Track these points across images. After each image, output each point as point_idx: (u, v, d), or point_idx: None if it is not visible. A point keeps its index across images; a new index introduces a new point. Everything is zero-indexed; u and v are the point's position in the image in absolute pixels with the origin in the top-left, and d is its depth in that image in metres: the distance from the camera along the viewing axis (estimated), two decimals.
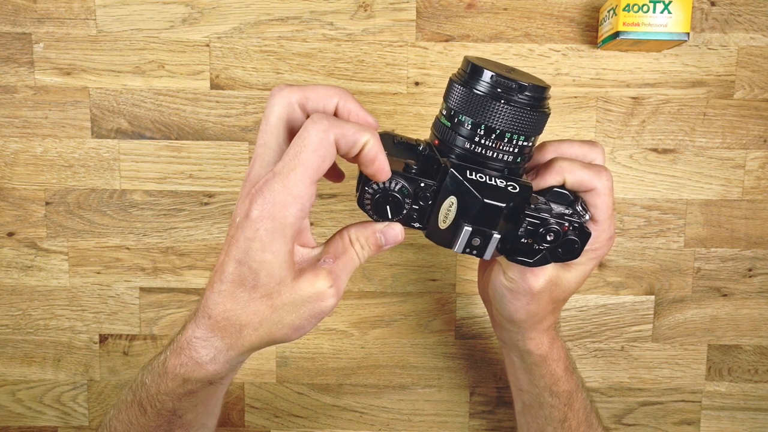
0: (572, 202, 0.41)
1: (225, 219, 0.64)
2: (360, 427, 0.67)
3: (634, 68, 0.62)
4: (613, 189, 0.43)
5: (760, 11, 0.61)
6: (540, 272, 0.44)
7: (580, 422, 0.52)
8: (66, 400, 0.67)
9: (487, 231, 0.38)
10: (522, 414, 0.54)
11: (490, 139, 0.38)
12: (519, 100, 0.38)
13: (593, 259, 0.44)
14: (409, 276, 0.65)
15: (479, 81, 0.38)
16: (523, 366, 0.50)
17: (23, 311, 0.65)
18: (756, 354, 0.66)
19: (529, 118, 0.38)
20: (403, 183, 0.38)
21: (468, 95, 0.38)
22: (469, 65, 0.39)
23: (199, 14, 0.62)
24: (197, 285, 0.65)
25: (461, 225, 0.38)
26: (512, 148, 0.39)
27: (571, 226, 0.40)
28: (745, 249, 0.64)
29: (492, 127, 0.38)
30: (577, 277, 0.44)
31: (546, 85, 0.39)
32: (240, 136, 0.63)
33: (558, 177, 0.42)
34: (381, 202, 0.38)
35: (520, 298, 0.45)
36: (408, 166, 0.38)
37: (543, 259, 0.41)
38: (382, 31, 0.62)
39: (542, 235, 0.39)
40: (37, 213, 0.64)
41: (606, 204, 0.42)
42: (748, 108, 0.63)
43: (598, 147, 0.44)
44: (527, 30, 0.62)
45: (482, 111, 0.38)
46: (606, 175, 0.42)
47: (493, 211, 0.38)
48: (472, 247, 0.39)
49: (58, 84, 0.62)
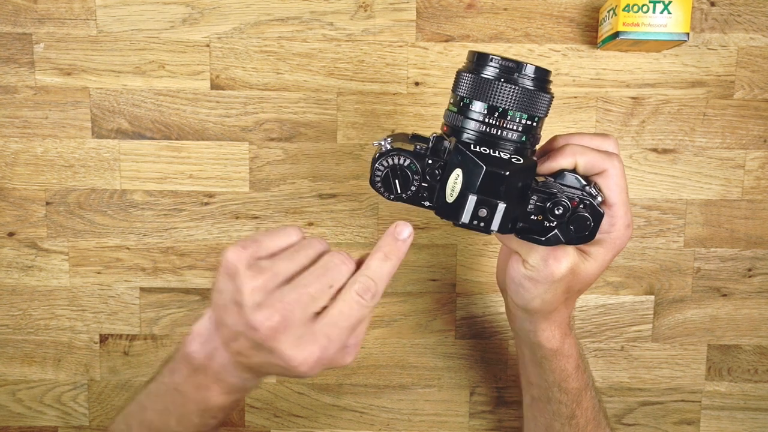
0: (584, 185, 0.42)
1: (225, 219, 0.64)
2: (360, 427, 0.67)
3: (633, 68, 0.62)
4: (624, 174, 0.43)
5: (760, 11, 0.62)
6: (563, 258, 0.43)
7: (588, 420, 0.51)
8: (66, 400, 0.67)
9: (492, 201, 0.39)
10: (530, 407, 0.54)
11: (494, 118, 0.40)
12: (518, 79, 0.40)
13: (612, 249, 0.44)
14: (409, 276, 0.65)
15: (482, 65, 0.41)
16: (533, 359, 0.50)
17: (23, 311, 0.66)
18: (756, 354, 0.66)
19: (529, 96, 0.40)
20: (411, 159, 0.40)
21: (473, 80, 0.41)
22: (474, 55, 0.42)
23: (200, 14, 0.62)
24: (197, 285, 0.65)
25: (467, 195, 0.40)
26: (516, 126, 0.41)
27: (581, 202, 0.41)
28: (745, 249, 0.65)
29: (495, 106, 0.40)
30: (596, 268, 0.44)
31: (547, 69, 0.41)
32: (240, 136, 0.63)
33: (569, 159, 0.42)
34: (390, 176, 0.41)
35: (538, 285, 0.44)
36: (417, 146, 0.41)
37: (555, 238, 0.42)
38: (382, 32, 0.62)
39: (550, 209, 0.40)
40: (38, 213, 0.64)
41: (619, 186, 0.42)
42: (748, 108, 0.63)
43: (610, 138, 0.45)
44: (527, 30, 0.62)
45: (485, 91, 0.40)
46: (617, 158, 0.42)
47: (496, 179, 0.39)
48: (479, 219, 0.40)
49: (58, 84, 0.63)
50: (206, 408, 0.43)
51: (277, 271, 0.39)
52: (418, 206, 0.42)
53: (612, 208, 0.43)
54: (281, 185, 0.64)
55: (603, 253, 0.44)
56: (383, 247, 0.41)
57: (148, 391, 0.46)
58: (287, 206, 0.64)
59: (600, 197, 0.42)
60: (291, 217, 0.64)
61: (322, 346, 0.38)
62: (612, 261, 0.45)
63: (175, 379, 0.43)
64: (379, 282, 0.40)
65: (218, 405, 0.43)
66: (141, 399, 0.46)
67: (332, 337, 0.38)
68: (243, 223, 0.64)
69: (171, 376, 0.44)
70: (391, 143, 0.41)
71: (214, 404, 0.43)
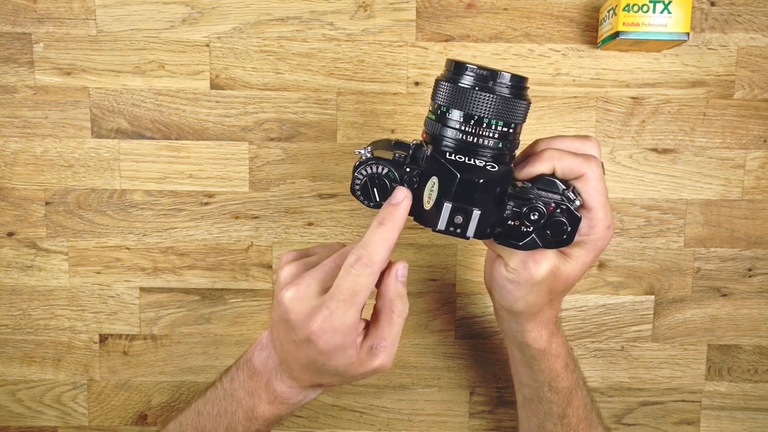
0: (563, 190, 0.43)
1: (225, 219, 0.64)
2: (360, 427, 0.67)
3: (634, 68, 0.62)
4: (603, 177, 0.43)
5: (760, 11, 0.62)
6: (542, 261, 0.44)
7: (579, 419, 0.52)
8: (66, 400, 0.67)
9: (467, 208, 0.40)
10: (523, 408, 0.55)
11: (470, 126, 0.41)
12: (494, 88, 0.41)
13: (592, 251, 0.44)
14: (409, 276, 0.65)
15: (459, 74, 0.41)
16: (523, 359, 0.51)
17: (23, 311, 0.66)
18: (756, 354, 0.66)
19: (505, 103, 0.41)
20: (389, 168, 0.41)
21: (450, 88, 0.41)
22: (451, 63, 0.42)
23: (199, 14, 0.62)
24: (197, 285, 0.65)
25: (443, 203, 0.40)
26: (492, 133, 0.41)
27: (558, 207, 0.42)
28: (745, 249, 0.65)
29: (471, 114, 0.41)
30: (577, 269, 0.45)
31: (521, 76, 0.42)
32: (240, 136, 0.63)
33: (547, 164, 0.43)
34: (368, 185, 0.42)
35: (520, 288, 0.45)
36: (397, 155, 0.41)
37: (532, 242, 0.42)
38: (382, 31, 0.62)
39: (526, 215, 0.41)
40: (37, 213, 0.64)
41: (597, 189, 0.43)
42: (748, 108, 0.63)
43: (591, 140, 0.45)
44: (527, 30, 0.62)
45: (462, 100, 0.41)
46: (595, 162, 0.43)
47: (470, 186, 0.40)
48: (455, 225, 0.41)
49: (58, 84, 0.62)
50: (253, 417, 0.46)
51: (308, 262, 0.44)
52: None
53: (591, 211, 0.43)
54: (281, 185, 0.64)
55: (584, 255, 0.44)
56: (378, 215, 0.42)
57: (205, 398, 0.49)
58: (287, 206, 0.64)
59: (578, 201, 0.42)
60: (291, 217, 0.64)
61: (324, 317, 0.40)
62: (594, 262, 0.46)
63: (234, 385, 0.47)
64: (371, 248, 0.41)
65: (263, 415, 0.46)
66: (198, 405, 0.49)
67: (332, 308, 0.40)
68: (243, 223, 0.64)
69: (231, 382, 0.47)
70: (371, 152, 0.42)
71: (260, 414, 0.46)
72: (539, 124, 0.63)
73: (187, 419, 0.50)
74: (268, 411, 0.46)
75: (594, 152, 0.44)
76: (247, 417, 0.46)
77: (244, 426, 0.46)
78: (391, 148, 0.44)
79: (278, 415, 0.46)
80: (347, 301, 0.40)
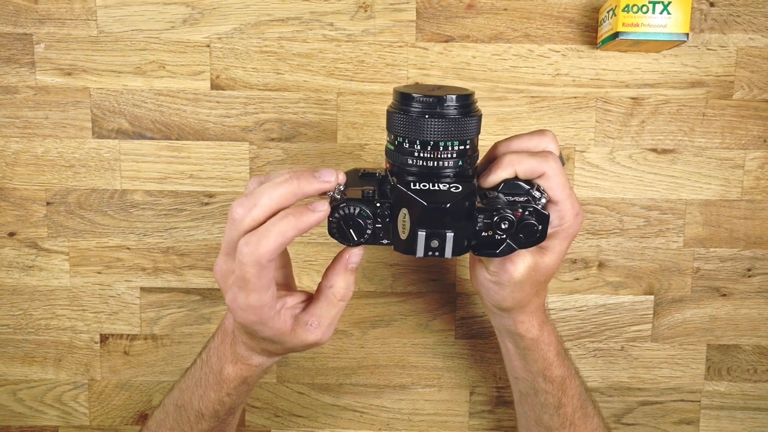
0: (528, 190, 0.44)
1: (225, 219, 0.64)
2: (360, 427, 0.68)
3: (633, 69, 0.62)
4: (563, 170, 0.45)
5: (760, 12, 0.62)
6: (519, 261, 0.46)
7: (575, 408, 0.53)
8: (67, 400, 0.67)
9: (440, 231, 0.41)
10: (519, 404, 0.56)
11: (427, 151, 0.42)
12: (443, 112, 0.42)
13: (566, 239, 0.46)
14: (409, 276, 0.66)
15: (407, 104, 0.42)
16: (516, 351, 0.52)
17: (24, 311, 0.66)
18: (755, 354, 0.66)
19: (456, 124, 0.42)
20: (361, 207, 0.42)
21: (402, 119, 0.42)
22: (398, 94, 0.43)
23: (200, 15, 0.62)
24: (198, 285, 0.65)
25: (416, 231, 0.42)
26: (450, 154, 0.42)
27: (525, 211, 0.43)
28: (744, 249, 0.65)
29: (426, 141, 0.42)
30: (554, 259, 0.47)
31: (466, 92, 0.43)
32: (240, 136, 0.63)
33: (508, 169, 0.44)
34: (343, 227, 0.43)
35: (504, 288, 0.47)
36: (365, 192, 0.42)
37: (508, 247, 0.44)
38: (382, 32, 0.62)
39: (497, 224, 0.42)
40: (38, 213, 0.64)
41: (559, 184, 0.44)
42: (747, 108, 0.63)
43: (547, 134, 0.46)
44: (527, 30, 0.62)
45: (415, 129, 0.42)
46: (553, 158, 0.44)
47: (438, 212, 0.41)
48: (433, 249, 0.42)
49: (58, 84, 0.63)
50: (221, 379, 0.47)
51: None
52: (378, 245, 0.44)
53: (558, 204, 0.45)
54: None
55: (558, 244, 0.46)
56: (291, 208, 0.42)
57: (186, 375, 0.52)
58: None
59: (544, 198, 0.44)
60: None
61: (229, 299, 0.42)
62: (569, 247, 0.47)
63: (210, 354, 0.49)
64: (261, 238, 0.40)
65: (229, 376, 0.47)
66: (179, 383, 0.52)
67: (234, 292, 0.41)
68: None
69: (207, 351, 0.50)
70: (340, 193, 0.43)
71: (227, 375, 0.47)
72: (539, 124, 0.63)
73: (169, 399, 0.52)
74: (233, 372, 0.47)
75: (551, 147, 0.46)
76: (216, 381, 0.48)
77: (215, 391, 0.48)
78: (359, 181, 0.45)
79: (243, 377, 0.47)
80: (242, 288, 0.41)
